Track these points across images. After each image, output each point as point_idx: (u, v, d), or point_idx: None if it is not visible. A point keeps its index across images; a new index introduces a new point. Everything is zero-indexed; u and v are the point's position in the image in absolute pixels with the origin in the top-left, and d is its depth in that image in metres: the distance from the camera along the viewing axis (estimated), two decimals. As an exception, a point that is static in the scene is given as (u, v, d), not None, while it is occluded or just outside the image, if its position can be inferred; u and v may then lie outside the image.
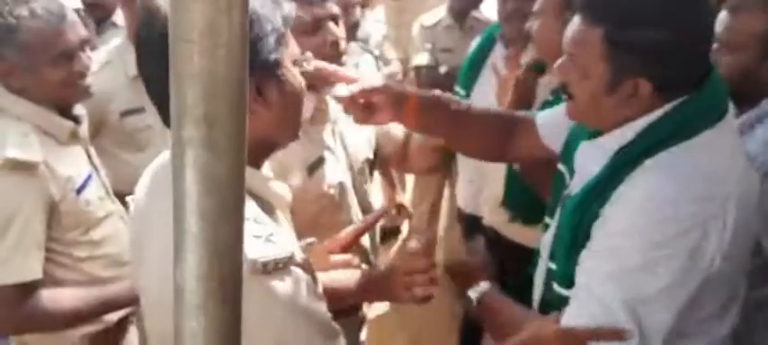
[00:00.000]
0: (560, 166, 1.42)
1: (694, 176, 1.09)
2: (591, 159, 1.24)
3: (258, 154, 1.09)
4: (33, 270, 1.48)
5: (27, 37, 1.49)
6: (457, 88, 2.48)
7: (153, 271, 1.02)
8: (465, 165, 2.59)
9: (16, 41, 1.48)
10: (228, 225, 0.54)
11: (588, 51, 1.14)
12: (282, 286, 0.98)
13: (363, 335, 1.91)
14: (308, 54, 1.14)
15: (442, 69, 3.24)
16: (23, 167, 1.46)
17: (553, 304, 1.22)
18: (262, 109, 1.02)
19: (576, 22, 1.17)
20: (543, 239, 1.38)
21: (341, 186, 1.62)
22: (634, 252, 1.08)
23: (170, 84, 0.50)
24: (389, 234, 4.13)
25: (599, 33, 1.12)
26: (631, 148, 1.15)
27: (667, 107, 1.13)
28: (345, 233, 1.49)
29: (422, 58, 3.34)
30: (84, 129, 1.67)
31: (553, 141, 1.46)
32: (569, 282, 1.17)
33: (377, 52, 3.52)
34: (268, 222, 1.04)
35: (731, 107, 1.19)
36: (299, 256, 1.06)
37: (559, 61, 1.21)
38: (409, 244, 1.40)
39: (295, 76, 1.07)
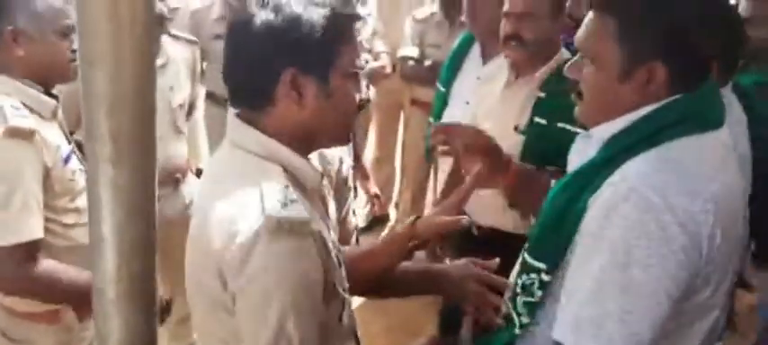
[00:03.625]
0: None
1: (685, 170, 1.09)
2: (582, 151, 1.25)
3: (299, 140, 1.12)
4: (37, 229, 1.58)
5: (41, 6, 1.63)
6: (438, 84, 2.50)
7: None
8: (446, 163, 2.59)
9: (30, 8, 1.62)
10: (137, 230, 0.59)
11: (602, 39, 1.15)
12: (295, 248, 1.00)
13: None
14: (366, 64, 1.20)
15: (427, 62, 3.27)
16: (23, 134, 1.56)
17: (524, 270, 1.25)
18: (293, 104, 1.07)
19: (589, 16, 1.19)
20: None
21: None
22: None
23: (80, 106, 0.55)
24: (376, 221, 4.16)
25: (613, 20, 1.14)
26: (626, 136, 1.14)
27: (667, 100, 1.13)
28: (449, 202, 1.46)
29: (408, 50, 3.37)
30: (59, 110, 1.76)
31: None
32: (538, 254, 1.20)
33: (367, 46, 3.55)
34: (293, 193, 1.06)
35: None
36: (327, 234, 1.10)
37: (571, 60, 1.23)
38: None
39: (347, 91, 1.11)
